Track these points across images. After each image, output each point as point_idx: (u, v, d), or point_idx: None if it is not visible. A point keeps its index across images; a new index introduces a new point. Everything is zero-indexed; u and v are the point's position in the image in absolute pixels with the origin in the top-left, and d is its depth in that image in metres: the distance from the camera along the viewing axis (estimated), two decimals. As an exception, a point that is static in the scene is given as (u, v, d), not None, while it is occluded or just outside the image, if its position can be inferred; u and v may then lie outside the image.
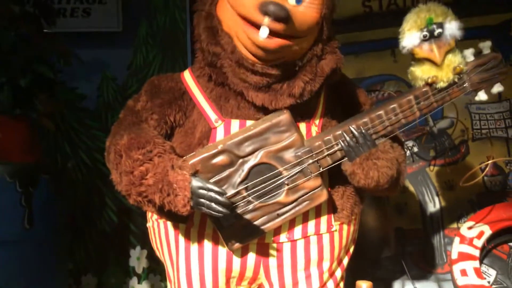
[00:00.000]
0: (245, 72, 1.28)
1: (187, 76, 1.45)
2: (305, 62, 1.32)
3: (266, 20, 1.20)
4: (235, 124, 1.36)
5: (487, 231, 2.23)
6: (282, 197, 1.31)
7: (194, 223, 1.38)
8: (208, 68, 1.35)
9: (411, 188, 2.58)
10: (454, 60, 1.33)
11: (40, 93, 2.46)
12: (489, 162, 2.31)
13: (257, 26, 1.22)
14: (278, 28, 1.21)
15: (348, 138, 1.32)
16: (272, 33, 1.22)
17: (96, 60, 3.31)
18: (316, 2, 1.29)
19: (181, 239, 1.41)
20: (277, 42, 1.23)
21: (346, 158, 1.34)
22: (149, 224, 1.51)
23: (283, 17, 1.20)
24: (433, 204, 2.54)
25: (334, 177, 1.42)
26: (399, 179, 1.40)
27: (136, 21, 3.25)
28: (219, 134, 1.35)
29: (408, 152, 2.60)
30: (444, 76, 1.33)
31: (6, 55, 2.39)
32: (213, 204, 1.18)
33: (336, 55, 1.36)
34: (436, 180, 2.57)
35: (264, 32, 1.20)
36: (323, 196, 1.34)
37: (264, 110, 1.34)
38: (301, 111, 1.37)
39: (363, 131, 1.33)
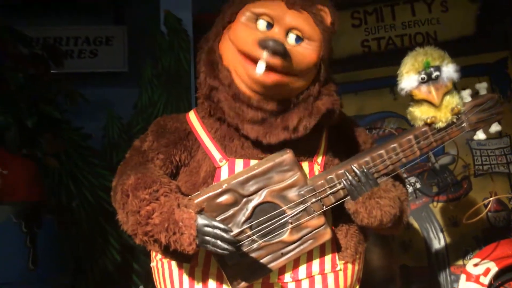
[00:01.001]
0: (240, 106, 1.31)
1: (192, 116, 1.48)
2: (301, 100, 1.35)
3: (264, 54, 1.25)
4: (239, 163, 1.38)
5: (494, 268, 2.20)
6: (286, 236, 1.32)
7: (198, 262, 1.37)
8: (206, 102, 1.38)
9: (416, 224, 2.58)
10: (452, 101, 1.37)
11: (46, 132, 2.50)
12: (492, 198, 2.31)
13: (256, 62, 1.26)
14: (276, 62, 1.25)
15: (350, 177, 1.34)
16: (270, 69, 1.26)
17: (102, 100, 3.38)
18: (314, 44, 1.34)
19: (186, 278, 1.40)
20: (273, 78, 1.27)
21: (349, 197, 1.35)
22: (153, 264, 1.50)
23: (281, 51, 1.24)
24: (438, 241, 2.52)
25: (337, 215, 1.43)
26: (402, 217, 1.41)
27: (141, 61, 3.33)
28: (224, 173, 1.37)
29: (411, 189, 2.60)
30: (443, 117, 1.36)
31: (13, 95, 2.44)
32: (218, 242, 1.19)
33: (333, 97, 1.39)
34: (440, 216, 2.56)
35: (261, 67, 1.25)
36: (327, 234, 1.35)
37: (268, 150, 1.37)
38: (303, 150, 1.39)
39: (365, 170, 1.35)
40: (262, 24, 1.33)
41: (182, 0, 3.32)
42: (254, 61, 1.27)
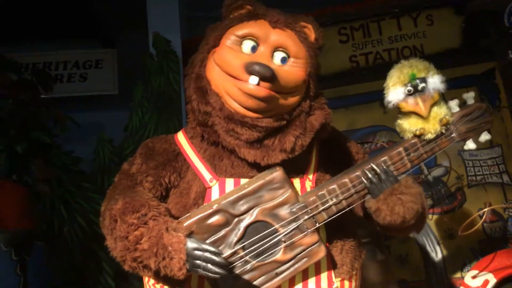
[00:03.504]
0: (235, 127, 1.30)
1: (181, 137, 1.47)
2: (294, 117, 1.35)
3: (251, 79, 1.26)
4: (229, 182, 1.37)
5: (492, 280, 2.18)
6: (279, 255, 1.30)
7: (191, 287, 1.35)
8: (199, 128, 1.38)
9: (412, 238, 2.56)
10: (439, 112, 1.37)
11: (36, 158, 2.48)
12: (487, 209, 2.31)
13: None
14: (265, 87, 1.26)
15: (370, 175, 1.33)
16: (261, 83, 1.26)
17: (93, 123, 3.37)
18: (301, 61, 1.35)
19: (179, 303, 1.37)
20: (266, 91, 1.27)
21: (345, 210, 1.33)
22: (145, 289, 1.47)
23: (269, 76, 1.25)
24: (435, 254, 2.51)
25: (331, 232, 1.41)
26: (424, 214, 1.39)
27: (131, 84, 3.33)
28: (214, 193, 1.36)
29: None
30: (432, 128, 1.36)
31: (3, 121, 2.43)
32: (209, 265, 1.17)
33: (325, 110, 1.40)
34: (436, 229, 2.55)
35: (254, 79, 1.25)
36: (321, 252, 1.33)
37: (258, 168, 1.36)
38: (294, 167, 1.38)
39: (385, 167, 1.33)
40: (247, 46, 1.34)
41: (171, 22, 3.35)
42: (243, 80, 1.28)
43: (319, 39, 1.41)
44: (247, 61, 1.27)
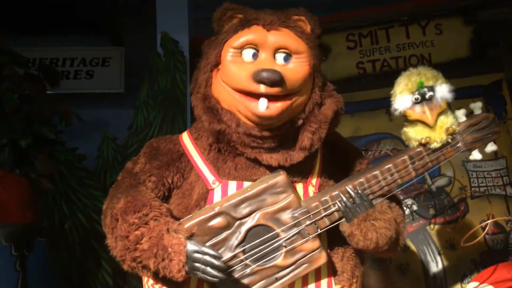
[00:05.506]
0: (255, 140, 1.31)
1: (185, 138, 1.47)
2: (308, 113, 1.35)
3: (262, 87, 1.25)
4: (232, 185, 1.36)
5: (492, 292, 2.16)
6: (280, 260, 1.29)
7: (190, 288, 1.34)
8: (214, 145, 1.37)
9: (413, 247, 2.55)
10: (446, 121, 1.36)
11: (40, 153, 2.48)
12: (490, 221, 2.29)
13: (255, 96, 1.27)
14: (275, 92, 1.26)
15: (345, 199, 1.32)
16: (270, 98, 1.26)
17: (98, 120, 3.38)
18: (303, 56, 1.35)
19: (177, 305, 1.36)
20: (277, 108, 1.27)
21: (344, 219, 1.33)
22: (144, 289, 1.47)
23: (278, 80, 1.25)
24: (436, 264, 2.49)
25: (333, 238, 1.40)
26: (398, 239, 1.38)
27: (138, 82, 3.34)
28: (217, 195, 1.35)
29: (407, 211, 2.58)
30: (438, 137, 1.35)
31: (8, 115, 2.44)
32: (208, 269, 1.16)
33: (335, 97, 1.40)
34: (437, 239, 2.54)
35: (263, 104, 1.26)
36: (322, 258, 1.32)
37: (262, 171, 1.35)
38: (298, 172, 1.38)
39: (360, 191, 1.33)
40: (247, 54, 1.33)
41: (179, 22, 3.36)
42: (254, 96, 1.28)
43: (315, 29, 1.40)
44: (253, 71, 1.27)
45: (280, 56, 1.34)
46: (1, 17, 3.32)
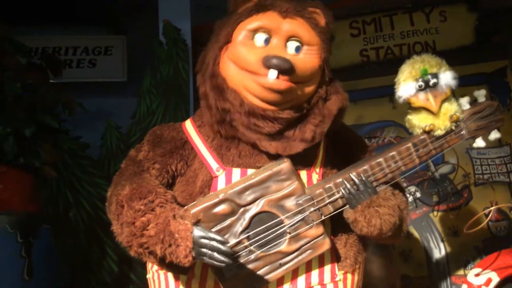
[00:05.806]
0: (257, 121, 1.30)
1: (189, 125, 1.47)
2: (312, 105, 1.35)
3: (271, 73, 1.25)
4: (236, 172, 1.37)
5: (495, 278, 2.17)
6: (284, 246, 1.30)
7: (195, 274, 1.35)
8: (216, 125, 1.37)
9: (416, 234, 2.56)
10: (450, 108, 1.36)
11: (44, 142, 2.48)
12: (493, 207, 2.30)
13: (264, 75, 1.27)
14: (284, 79, 1.26)
15: (349, 186, 1.33)
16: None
17: (101, 109, 3.38)
18: (315, 48, 1.34)
19: (182, 290, 1.38)
20: (287, 83, 1.27)
21: (347, 206, 1.34)
22: (149, 276, 1.48)
23: (287, 69, 1.25)
24: (439, 251, 2.50)
25: (336, 225, 1.41)
26: (402, 226, 1.39)
27: (140, 71, 3.33)
28: (220, 183, 1.36)
29: (411, 198, 2.59)
30: (441, 124, 1.35)
31: (11, 104, 2.43)
32: (215, 254, 1.17)
33: (341, 94, 1.40)
34: (440, 226, 2.55)
35: (273, 73, 1.25)
36: (325, 244, 1.33)
37: (266, 159, 1.35)
38: (302, 159, 1.38)
39: (364, 178, 1.33)
40: (260, 39, 1.33)
41: (181, 10, 3.34)
42: (262, 75, 1.28)
43: (329, 23, 1.41)
44: (264, 55, 1.27)
45: (291, 45, 1.33)
46: (4, 6, 3.30)
